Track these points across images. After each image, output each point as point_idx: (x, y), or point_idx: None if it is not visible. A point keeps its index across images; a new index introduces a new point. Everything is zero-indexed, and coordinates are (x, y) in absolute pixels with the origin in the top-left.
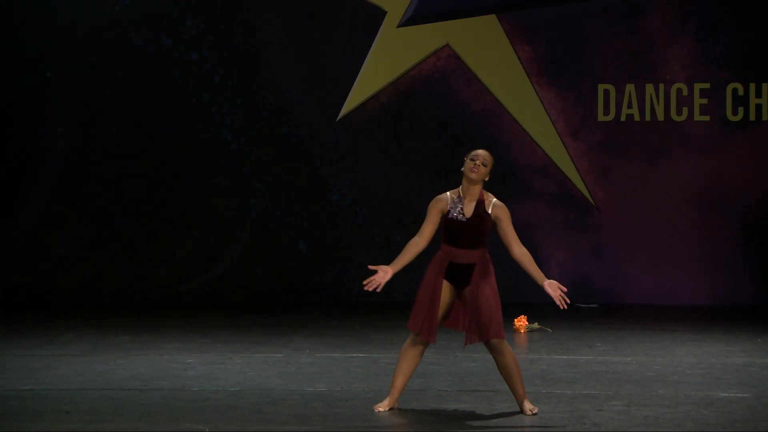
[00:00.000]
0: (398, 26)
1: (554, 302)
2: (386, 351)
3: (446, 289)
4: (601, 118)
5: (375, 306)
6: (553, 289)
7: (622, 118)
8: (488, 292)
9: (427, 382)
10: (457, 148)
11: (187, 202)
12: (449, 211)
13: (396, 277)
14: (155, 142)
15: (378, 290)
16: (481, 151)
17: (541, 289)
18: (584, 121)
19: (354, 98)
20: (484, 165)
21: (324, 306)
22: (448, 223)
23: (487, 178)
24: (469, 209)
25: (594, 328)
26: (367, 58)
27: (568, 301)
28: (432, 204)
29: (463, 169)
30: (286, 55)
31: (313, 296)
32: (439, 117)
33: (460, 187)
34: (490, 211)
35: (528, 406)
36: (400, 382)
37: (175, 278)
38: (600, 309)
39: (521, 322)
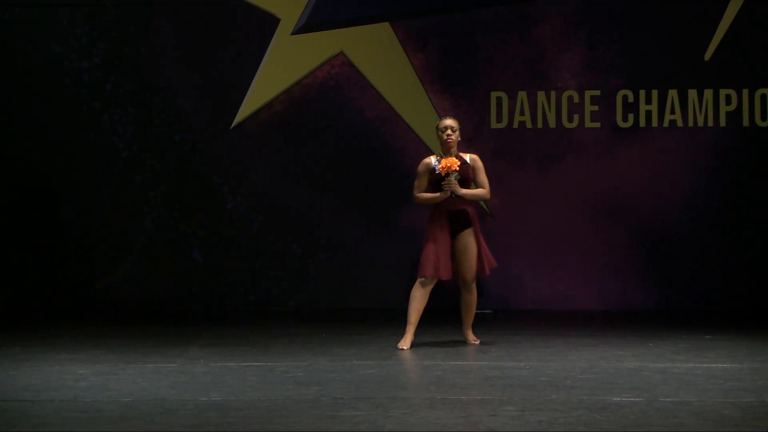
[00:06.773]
0: (292, 34)
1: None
2: (282, 359)
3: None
4: (494, 125)
5: (271, 314)
6: None
7: (515, 125)
8: (478, 238)
9: (323, 390)
10: (351, 155)
11: (80, 211)
12: (434, 168)
13: (292, 286)
14: (46, 151)
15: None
16: (448, 121)
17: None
18: (478, 128)
19: (248, 106)
20: (453, 130)
21: (219, 315)
22: (438, 178)
23: (459, 139)
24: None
25: (488, 334)
26: (260, 65)
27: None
28: (421, 166)
29: (438, 139)
30: (179, 62)
31: (208, 305)
32: (333, 124)
33: (441, 152)
34: (468, 160)
35: (471, 336)
36: (414, 318)
37: (66, 289)
38: (493, 314)
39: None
